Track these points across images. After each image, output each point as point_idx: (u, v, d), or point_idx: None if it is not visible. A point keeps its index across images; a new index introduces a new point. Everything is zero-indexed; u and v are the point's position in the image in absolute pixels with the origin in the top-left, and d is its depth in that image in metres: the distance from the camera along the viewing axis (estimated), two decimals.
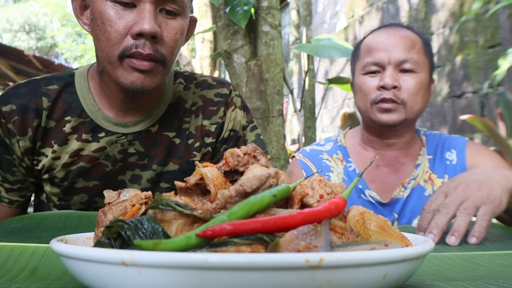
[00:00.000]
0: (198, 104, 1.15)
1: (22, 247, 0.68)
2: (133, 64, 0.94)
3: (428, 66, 1.30)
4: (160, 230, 0.47)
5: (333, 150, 1.42)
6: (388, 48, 1.27)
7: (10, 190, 1.12)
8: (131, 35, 0.93)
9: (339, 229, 0.50)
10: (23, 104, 1.05)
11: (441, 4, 4.35)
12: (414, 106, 1.26)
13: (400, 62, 1.26)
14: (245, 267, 0.38)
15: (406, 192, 1.30)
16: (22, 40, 16.17)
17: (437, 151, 1.36)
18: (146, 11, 0.92)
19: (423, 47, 1.30)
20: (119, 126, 1.08)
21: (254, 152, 0.57)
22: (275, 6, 2.33)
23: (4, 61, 5.84)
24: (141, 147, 1.10)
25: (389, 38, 1.29)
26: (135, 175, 1.11)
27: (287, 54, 6.73)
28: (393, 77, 1.25)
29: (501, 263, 0.69)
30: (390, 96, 1.24)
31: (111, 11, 0.93)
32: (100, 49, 0.97)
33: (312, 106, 4.19)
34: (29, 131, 1.05)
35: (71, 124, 1.07)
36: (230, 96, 1.18)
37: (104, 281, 0.42)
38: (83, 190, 1.10)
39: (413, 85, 1.25)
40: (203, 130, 1.15)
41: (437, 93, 4.38)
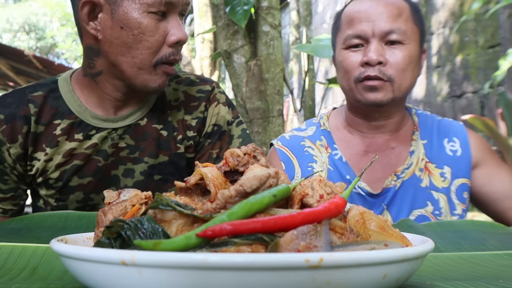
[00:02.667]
0: (180, 99, 1.18)
1: (22, 247, 0.68)
2: (167, 70, 1.04)
3: (418, 36, 1.16)
4: (160, 230, 0.47)
5: (316, 136, 1.27)
6: (371, 17, 1.13)
7: (3, 199, 1.14)
8: (167, 44, 1.01)
9: (339, 229, 0.50)
10: (10, 113, 1.08)
11: (441, 4, 4.35)
12: (403, 82, 1.13)
13: (386, 33, 1.12)
14: (245, 267, 0.38)
15: (398, 181, 1.18)
16: (22, 40, 16.17)
17: (432, 135, 1.24)
18: (176, 21, 1.01)
19: (412, 14, 1.15)
20: (108, 121, 1.11)
21: (254, 152, 0.57)
22: (275, 6, 2.33)
23: (4, 61, 5.84)
24: (131, 140, 1.13)
25: (372, 6, 1.14)
26: (128, 169, 1.13)
27: (287, 54, 6.73)
28: (378, 52, 1.11)
29: (501, 263, 0.69)
30: (375, 73, 1.11)
31: (151, 21, 0.99)
32: (129, 56, 1.01)
33: (312, 106, 4.19)
34: (19, 138, 1.08)
35: (60, 126, 1.10)
36: (213, 93, 1.21)
37: (104, 281, 0.42)
38: (78, 187, 1.12)
39: (401, 59, 1.12)
40: (185, 124, 1.18)
41: (437, 93, 4.38)
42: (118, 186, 1.14)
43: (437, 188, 1.19)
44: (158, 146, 1.15)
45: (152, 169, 1.15)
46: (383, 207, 1.18)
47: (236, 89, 2.32)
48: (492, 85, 3.04)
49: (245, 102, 2.29)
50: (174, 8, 1.00)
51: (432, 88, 4.46)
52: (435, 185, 1.19)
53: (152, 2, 0.97)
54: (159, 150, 1.15)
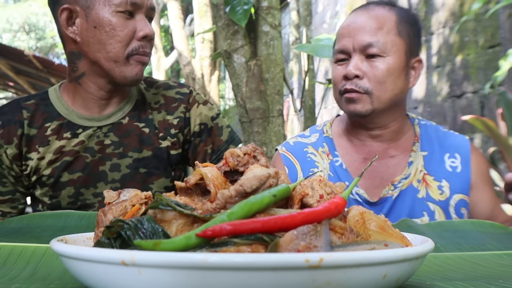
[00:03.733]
0: (161, 102, 1.30)
1: (22, 247, 0.68)
2: (140, 59, 1.17)
3: (403, 47, 1.18)
4: (160, 230, 0.47)
5: (318, 143, 1.31)
6: (352, 33, 1.17)
7: (1, 201, 1.23)
8: (136, 38, 1.15)
9: (339, 229, 0.50)
10: (6, 119, 1.22)
11: (441, 4, 4.35)
12: (382, 94, 1.16)
13: (364, 47, 1.15)
14: (245, 267, 0.38)
15: (395, 191, 1.21)
16: (22, 40, 16.16)
17: (433, 148, 1.26)
18: (143, 19, 1.16)
19: (397, 26, 1.17)
20: (93, 120, 1.23)
21: (254, 152, 0.57)
22: (275, 6, 2.33)
23: (4, 61, 5.84)
24: (115, 137, 1.24)
25: (355, 21, 1.19)
26: (114, 164, 1.23)
27: (287, 54, 6.73)
28: (355, 66, 1.15)
29: (501, 263, 0.69)
30: (351, 87, 1.16)
31: (119, 19, 1.14)
32: (104, 51, 1.15)
33: (312, 106, 4.19)
34: (14, 139, 1.20)
35: (51, 127, 1.22)
36: (191, 95, 1.32)
37: (104, 281, 0.42)
38: (69, 183, 1.21)
39: (378, 72, 1.14)
40: (166, 123, 1.28)
41: (437, 93, 4.38)
42: (106, 180, 1.23)
43: (434, 200, 1.21)
44: (141, 141, 1.25)
45: (137, 162, 1.24)
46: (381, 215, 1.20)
47: (236, 89, 2.32)
48: (492, 86, 3.04)
49: (245, 102, 2.29)
50: (139, 8, 1.16)
51: (432, 88, 4.46)
52: (432, 197, 1.22)
53: (119, 3, 1.13)
54: (142, 145, 1.25)
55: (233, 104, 8.75)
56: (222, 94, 11.25)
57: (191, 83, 5.04)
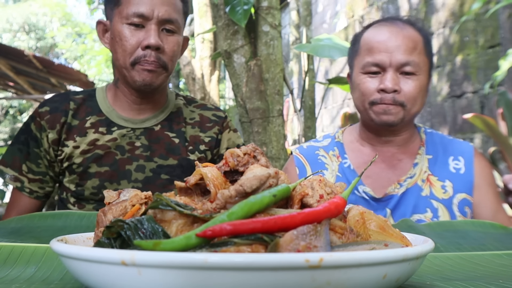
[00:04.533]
0: (196, 119, 1.42)
1: (22, 247, 0.68)
2: (143, 67, 1.24)
3: (428, 66, 1.29)
4: (160, 230, 0.47)
5: (330, 147, 1.41)
6: (389, 49, 1.24)
7: (32, 180, 1.34)
8: (141, 47, 1.24)
9: (339, 229, 0.50)
10: (55, 106, 1.34)
11: (441, 4, 4.35)
12: (413, 108, 1.26)
13: (401, 65, 1.24)
14: (245, 267, 0.38)
15: (401, 189, 1.29)
16: (22, 40, 16.15)
17: (438, 152, 1.34)
18: (151, 30, 1.23)
19: (424, 47, 1.27)
20: (128, 122, 1.35)
21: (254, 152, 0.57)
22: (275, 6, 2.33)
23: (4, 61, 5.84)
24: (146, 141, 1.34)
25: (391, 38, 1.25)
26: (140, 165, 1.32)
27: (287, 54, 6.73)
28: (394, 81, 1.23)
29: (501, 263, 0.69)
30: (390, 100, 1.24)
31: (126, 30, 1.24)
32: (117, 59, 1.28)
33: (312, 106, 4.19)
34: (57, 126, 1.32)
35: (90, 120, 1.34)
36: (226, 120, 1.45)
37: (104, 281, 0.42)
38: (95, 174, 1.30)
39: (413, 89, 1.24)
40: (197, 139, 1.39)
41: (437, 93, 4.39)
42: (130, 179, 1.32)
43: (437, 198, 1.29)
44: (169, 150, 1.35)
45: (160, 168, 1.33)
46: (387, 211, 1.28)
47: (236, 89, 2.32)
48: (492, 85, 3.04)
49: (245, 102, 2.29)
50: (148, 20, 1.23)
51: (432, 88, 4.46)
52: (435, 195, 1.29)
53: (127, 16, 1.23)
54: (169, 154, 1.34)
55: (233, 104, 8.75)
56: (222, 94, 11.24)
57: (191, 83, 5.04)
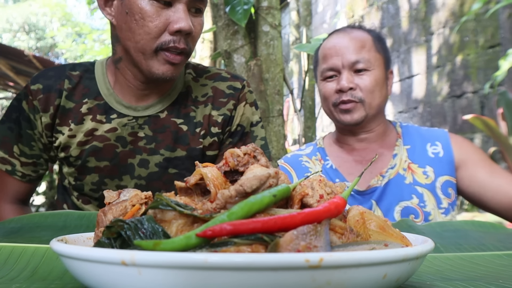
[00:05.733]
0: (208, 95, 1.21)
1: (22, 247, 0.68)
2: (168, 58, 1.05)
3: (382, 61, 1.36)
4: (160, 230, 0.47)
5: (312, 153, 1.49)
6: (339, 52, 1.34)
7: (25, 164, 1.21)
8: (169, 31, 1.03)
9: (339, 229, 0.50)
10: (48, 85, 1.16)
11: (441, 4, 4.35)
12: (372, 101, 1.33)
13: (353, 63, 1.32)
14: (245, 267, 0.38)
15: (384, 180, 1.34)
16: (22, 40, 16.15)
17: (415, 142, 1.40)
18: (182, 11, 1.02)
19: (374, 44, 1.36)
20: (130, 109, 1.16)
21: (254, 152, 0.57)
22: (275, 6, 2.33)
23: (4, 61, 5.84)
24: (149, 131, 1.17)
25: (339, 42, 1.35)
26: (143, 159, 1.17)
27: (287, 54, 6.72)
28: (348, 79, 1.32)
29: (501, 263, 0.69)
30: (348, 98, 1.32)
31: (150, 8, 1.02)
32: (133, 41, 1.05)
33: (312, 106, 4.19)
34: (51, 108, 1.16)
35: (87, 105, 1.16)
36: (243, 92, 1.23)
37: (104, 281, 0.42)
38: (95, 169, 1.17)
39: (368, 83, 1.32)
40: (211, 120, 1.19)
41: (437, 93, 4.38)
42: (133, 174, 1.17)
43: (421, 184, 1.35)
44: (176, 139, 1.17)
45: (167, 162, 1.17)
46: (372, 202, 1.34)
47: None
48: (492, 85, 3.04)
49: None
50: None
51: (432, 88, 4.45)
52: (418, 181, 1.35)
53: None
54: (176, 144, 1.17)
55: None
56: None
57: None
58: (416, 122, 4.68)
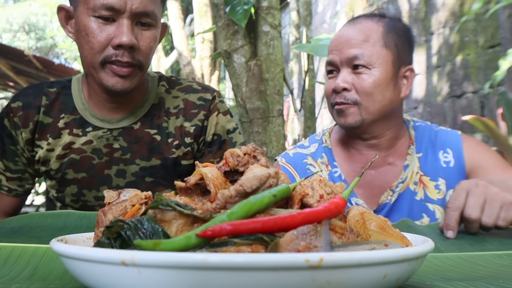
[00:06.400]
0: (180, 107, 1.25)
1: (22, 247, 0.68)
2: (114, 70, 1.08)
3: (391, 58, 1.18)
4: (160, 230, 0.47)
5: (318, 153, 1.32)
6: (338, 46, 1.19)
7: (10, 179, 1.25)
8: (111, 45, 1.06)
9: (339, 229, 0.50)
10: (27, 102, 1.22)
11: (441, 4, 4.35)
12: (370, 105, 1.17)
13: (350, 60, 1.17)
14: (245, 267, 0.38)
15: (394, 196, 1.21)
16: (22, 40, 16.15)
17: (428, 148, 1.26)
18: (124, 26, 1.05)
19: (383, 38, 1.18)
20: (104, 122, 1.21)
21: (254, 152, 0.57)
22: (275, 6, 2.33)
23: (4, 61, 5.84)
24: (124, 142, 1.21)
25: (342, 35, 1.20)
26: (120, 169, 1.21)
27: (287, 54, 6.73)
28: (343, 79, 1.17)
29: (501, 263, 0.69)
30: (340, 100, 1.18)
31: (94, 24, 1.06)
32: (84, 56, 1.11)
33: (312, 106, 4.19)
34: (30, 124, 1.21)
35: (64, 120, 1.21)
36: (214, 102, 1.26)
37: (104, 281, 0.42)
38: (73, 181, 1.21)
39: (366, 84, 1.15)
40: (183, 131, 1.23)
41: (437, 93, 4.38)
42: (110, 185, 1.21)
43: (432, 200, 1.22)
44: (150, 149, 1.21)
45: (143, 171, 1.22)
46: None
47: (236, 89, 2.32)
48: (492, 85, 3.04)
49: (245, 102, 2.29)
50: (120, 13, 1.05)
51: (432, 88, 4.46)
52: (430, 197, 1.22)
53: (94, 7, 1.05)
54: (151, 154, 1.22)
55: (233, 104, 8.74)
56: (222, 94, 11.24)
57: None
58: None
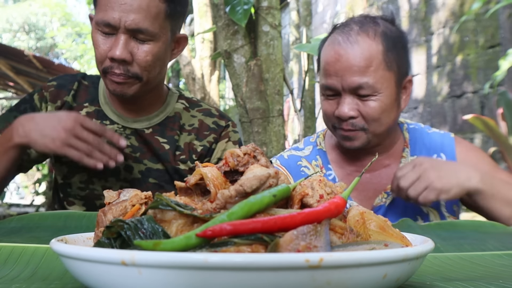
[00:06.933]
0: (194, 126, 1.32)
1: (22, 247, 0.68)
2: (111, 78, 1.16)
3: (393, 79, 1.15)
4: (160, 230, 0.47)
5: (312, 156, 1.31)
6: (338, 72, 1.12)
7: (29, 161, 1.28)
8: (108, 58, 1.13)
9: (339, 229, 0.50)
10: (62, 83, 1.31)
11: (441, 4, 4.35)
12: (377, 129, 1.16)
13: (354, 88, 1.12)
14: (245, 267, 0.38)
15: (388, 198, 1.22)
16: (22, 40, 16.15)
17: (422, 151, 1.27)
18: (118, 40, 1.11)
19: (384, 59, 1.12)
20: (120, 118, 1.28)
21: (254, 152, 0.57)
22: (275, 6, 2.33)
23: (4, 61, 5.84)
24: (136, 142, 1.28)
25: (340, 59, 1.12)
26: (128, 165, 1.27)
27: (287, 54, 6.73)
28: (349, 106, 1.13)
29: (501, 263, 0.69)
30: (348, 127, 1.15)
31: (98, 37, 1.15)
32: None
33: (312, 106, 4.19)
34: (58, 102, 1.29)
35: (87, 109, 1.29)
36: (226, 130, 1.33)
37: (104, 281, 0.42)
38: (84, 168, 1.23)
39: (372, 112, 1.13)
40: (191, 147, 1.30)
41: (437, 93, 4.38)
42: (118, 177, 1.27)
43: None
44: (158, 155, 1.27)
45: (149, 172, 1.27)
46: None
47: (236, 89, 2.32)
48: (492, 85, 3.04)
49: (245, 102, 2.29)
50: (115, 29, 1.11)
51: (432, 88, 4.46)
52: None
53: (97, 22, 1.13)
54: (158, 159, 1.28)
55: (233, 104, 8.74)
56: (222, 94, 11.25)
57: (191, 83, 5.04)
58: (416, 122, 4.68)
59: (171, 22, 1.18)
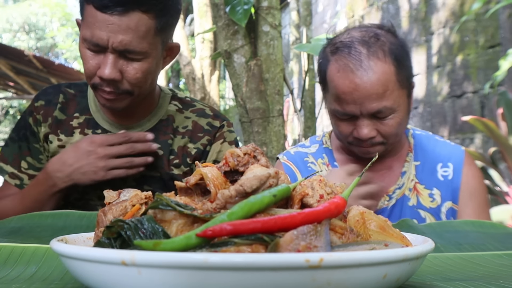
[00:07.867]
0: (188, 128, 1.29)
1: (22, 247, 0.68)
2: (101, 94, 1.13)
3: (406, 93, 1.17)
4: (160, 230, 0.47)
5: (318, 153, 1.33)
6: (357, 101, 1.12)
7: (32, 176, 1.27)
8: (97, 76, 1.10)
9: (339, 229, 0.50)
10: (48, 100, 1.29)
11: (441, 4, 4.35)
12: (394, 140, 1.20)
13: (373, 113, 1.13)
14: (245, 267, 0.38)
15: (391, 201, 1.23)
16: (22, 40, 16.15)
17: (426, 158, 1.28)
18: (107, 59, 1.08)
19: (397, 80, 1.13)
20: (113, 126, 1.27)
21: (254, 152, 0.57)
22: (275, 6, 2.33)
23: (4, 61, 5.84)
24: None
25: (357, 88, 1.11)
26: None
27: (287, 54, 6.72)
28: (368, 128, 1.14)
29: (501, 263, 0.69)
30: (367, 146, 1.17)
31: (86, 53, 1.11)
32: None
33: (312, 106, 4.19)
34: (49, 119, 1.27)
35: (78, 120, 1.27)
36: (221, 130, 1.30)
37: (104, 281, 0.42)
38: None
39: (390, 129, 1.15)
40: (185, 151, 1.27)
41: (437, 93, 4.38)
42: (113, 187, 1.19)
43: (425, 208, 1.24)
44: (152, 163, 1.23)
45: (144, 179, 1.25)
46: None
47: (236, 89, 2.32)
48: (492, 85, 3.04)
49: (245, 102, 2.29)
50: (104, 48, 1.07)
51: (432, 88, 4.46)
52: (423, 204, 1.24)
53: (84, 39, 1.09)
54: (152, 165, 1.24)
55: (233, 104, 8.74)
56: (222, 94, 11.25)
57: (191, 83, 5.04)
58: (416, 122, 4.68)
59: (161, 36, 1.14)
